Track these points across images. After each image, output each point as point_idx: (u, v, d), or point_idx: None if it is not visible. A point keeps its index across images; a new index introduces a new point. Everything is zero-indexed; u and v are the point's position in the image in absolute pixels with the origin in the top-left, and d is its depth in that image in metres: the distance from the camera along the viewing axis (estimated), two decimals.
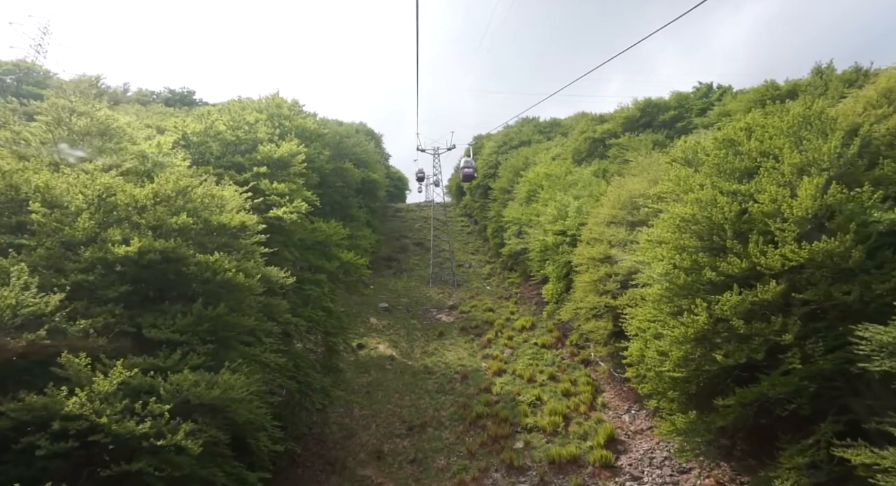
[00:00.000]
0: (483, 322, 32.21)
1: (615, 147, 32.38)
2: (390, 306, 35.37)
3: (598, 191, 27.99)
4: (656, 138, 29.88)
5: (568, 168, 33.18)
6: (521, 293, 36.72)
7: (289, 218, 16.92)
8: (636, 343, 13.90)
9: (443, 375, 25.83)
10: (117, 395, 8.32)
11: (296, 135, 23.88)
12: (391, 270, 43.75)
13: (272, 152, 19.68)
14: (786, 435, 12.19)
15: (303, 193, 19.79)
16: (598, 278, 21.63)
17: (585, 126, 35.58)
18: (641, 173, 24.77)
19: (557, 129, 50.50)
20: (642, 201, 21.83)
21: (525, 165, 39.95)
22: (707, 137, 14.43)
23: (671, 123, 31.10)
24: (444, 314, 34.37)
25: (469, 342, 29.71)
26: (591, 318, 22.15)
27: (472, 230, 55.94)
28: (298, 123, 25.07)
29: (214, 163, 19.12)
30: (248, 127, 21.07)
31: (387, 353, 28.93)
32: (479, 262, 45.84)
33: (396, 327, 32.18)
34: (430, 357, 28.01)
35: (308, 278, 19.36)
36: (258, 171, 18.93)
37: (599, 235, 23.21)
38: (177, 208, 11.51)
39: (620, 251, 21.23)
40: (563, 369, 24.59)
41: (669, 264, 12.34)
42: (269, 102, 25.38)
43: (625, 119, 32.10)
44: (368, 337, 30.79)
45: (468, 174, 42.27)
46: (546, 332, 29.19)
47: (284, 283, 13.64)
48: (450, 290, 39.00)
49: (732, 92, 30.09)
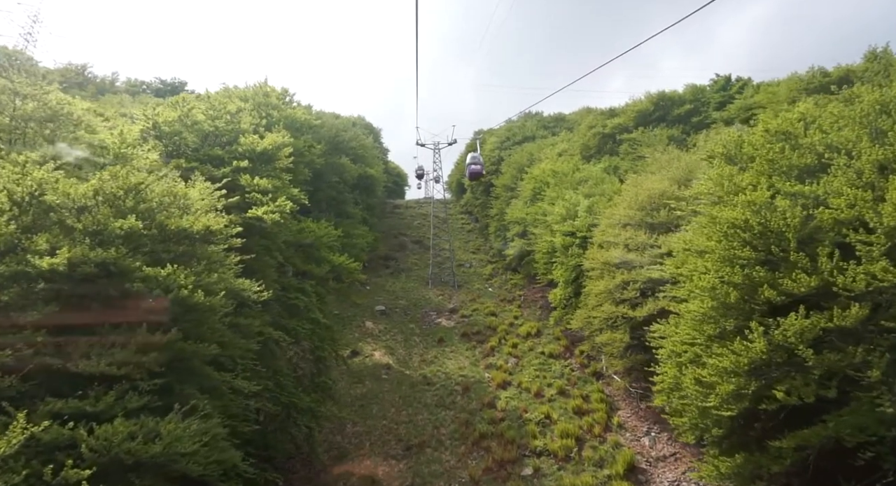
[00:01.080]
0: (485, 327, 30.18)
1: (627, 142, 30.32)
2: (387, 308, 33.32)
3: (611, 189, 25.94)
4: (671, 134, 27.81)
5: (576, 165, 31.09)
6: (525, 296, 34.70)
7: (270, 219, 14.83)
8: (669, 368, 11.86)
9: (443, 386, 23.81)
10: (19, 459, 6.29)
11: (285, 126, 21.74)
12: (389, 269, 41.69)
13: (255, 145, 17.56)
14: (849, 483, 10.25)
15: (289, 191, 17.68)
16: (614, 286, 19.60)
17: (594, 121, 33.47)
18: (660, 171, 22.72)
19: (562, 124, 48.36)
20: (664, 202, 19.82)
21: (529, 161, 37.83)
22: (752, 130, 12.35)
23: (687, 118, 29.02)
24: (444, 318, 32.34)
25: (471, 350, 27.70)
26: (606, 329, 20.14)
27: (473, 228, 53.86)
28: (288, 113, 22.89)
29: (191, 156, 17.00)
30: (229, 117, 18.92)
31: (383, 361, 26.92)
32: (479, 261, 43.79)
33: (393, 333, 30.15)
34: (430, 366, 25.99)
35: (294, 285, 17.30)
36: (239, 165, 16.82)
37: (614, 237, 21.16)
38: (125, 210, 9.42)
39: (639, 256, 19.20)
40: (573, 383, 22.58)
41: (715, 279, 10.29)
42: (256, 91, 23.20)
43: (637, 113, 30.02)
44: (363, 343, 28.75)
45: (475, 171, 35.64)
46: (553, 340, 27.19)
47: (259, 298, 11.55)
48: (450, 292, 36.96)
49: (753, 84, 28.04)
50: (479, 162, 35.65)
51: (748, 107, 25.83)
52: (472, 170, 35.64)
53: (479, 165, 35.57)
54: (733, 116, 26.22)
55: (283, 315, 16.48)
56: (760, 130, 11.37)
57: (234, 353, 10.41)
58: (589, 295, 22.19)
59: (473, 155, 35.82)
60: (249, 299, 11.32)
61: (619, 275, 19.60)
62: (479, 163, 35.63)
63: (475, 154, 35.81)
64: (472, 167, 35.52)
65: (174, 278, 8.80)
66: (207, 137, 18.07)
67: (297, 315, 16.77)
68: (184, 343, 8.76)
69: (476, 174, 36.33)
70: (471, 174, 36.24)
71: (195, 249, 10.21)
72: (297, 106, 25.71)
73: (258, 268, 15.33)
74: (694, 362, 11.11)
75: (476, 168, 35.61)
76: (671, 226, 19.40)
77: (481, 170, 35.90)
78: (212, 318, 9.42)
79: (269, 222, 14.85)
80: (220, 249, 10.85)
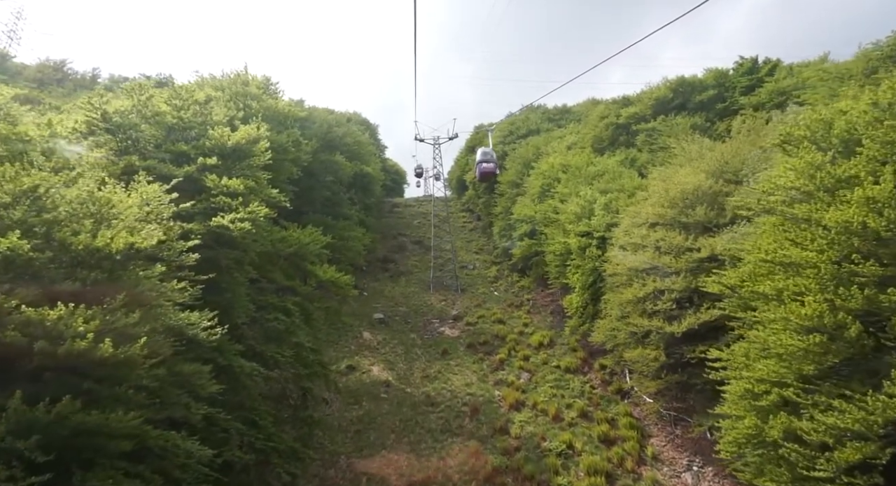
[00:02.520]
0: (493, 337, 27.45)
1: (644, 133, 27.51)
2: (386, 316, 30.56)
3: (631, 184, 23.18)
4: (694, 122, 25.04)
5: (589, 158, 28.30)
6: (534, 301, 31.97)
7: (238, 228, 12.06)
8: (747, 415, 9.10)
9: (448, 407, 21.09)
10: None
11: (266, 119, 18.93)
12: (387, 273, 38.92)
13: (225, 138, 14.77)
14: None
15: (266, 192, 14.90)
16: (644, 295, 16.87)
17: (606, 110, 30.67)
18: (689, 163, 19.97)
19: (568, 116, 45.53)
20: (701, 198, 17.08)
21: (536, 155, 35.01)
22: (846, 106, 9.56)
23: (710, 104, 26.26)
24: (447, 327, 29.61)
25: (478, 363, 24.97)
26: (635, 343, 17.43)
27: (475, 227, 51.09)
28: (269, 104, 20.04)
29: (151, 153, 14.23)
30: (198, 107, 16.12)
31: (382, 377, 24.18)
32: (483, 263, 41.03)
33: (393, 344, 27.40)
34: (433, 383, 23.27)
35: (274, 303, 14.53)
36: (206, 162, 14.06)
37: (641, 239, 18.42)
38: (10, 223, 6.65)
39: (674, 261, 16.44)
40: (596, 403, 19.87)
41: (822, 304, 7.53)
42: (234, 80, 20.35)
43: (654, 101, 27.23)
44: (360, 356, 26.02)
45: (488, 171, 28.24)
46: (569, 351, 24.46)
47: (209, 337, 8.75)
48: (453, 296, 34.20)
49: (784, 66, 25.24)
50: (492, 159, 27.92)
51: (781, 90, 23.04)
52: (483, 169, 27.79)
53: (491, 162, 27.77)
54: (764, 100, 23.43)
55: (259, 340, 13.74)
56: (864, 105, 8.62)
57: (174, 413, 7.64)
58: (611, 303, 19.48)
59: (485, 151, 28.32)
60: (197, 337, 8.52)
61: (650, 282, 16.87)
62: (492, 160, 27.86)
63: (487, 149, 28.28)
64: (484, 165, 27.63)
65: (68, 322, 6.02)
66: (172, 131, 15.28)
67: (276, 340, 14.00)
68: (84, 416, 5.99)
69: (488, 174, 28.63)
70: (482, 174, 28.52)
71: (117, 274, 7.42)
72: (282, 97, 22.76)
73: (227, 286, 12.59)
74: (783, 407, 8.34)
75: (488, 166, 27.84)
76: (711, 226, 16.64)
77: (495, 168, 28.07)
78: (132, 373, 6.64)
79: (236, 232, 12.07)
80: (155, 273, 8.04)
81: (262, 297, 14.21)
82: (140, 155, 13.49)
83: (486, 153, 27.74)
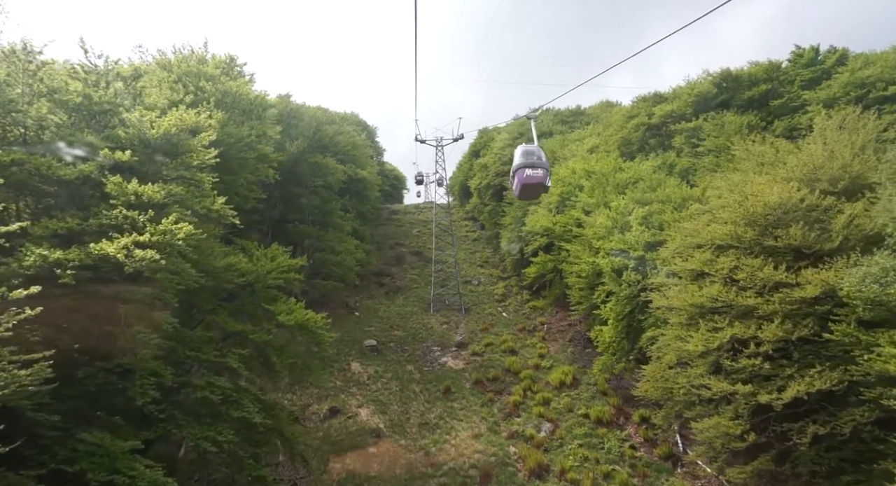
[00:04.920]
0: (504, 371, 22.91)
1: (683, 134, 23.09)
2: (379, 343, 26.00)
3: (679, 194, 18.72)
4: (747, 121, 20.64)
5: (617, 163, 23.89)
6: (549, 325, 27.44)
7: (141, 257, 7.60)
8: None
9: (452, 470, 16.57)
10: None
11: (223, 106, 14.47)
12: (383, 288, 34.37)
13: (147, 126, 10.30)
14: None
15: (203, 202, 10.40)
16: (719, 345, 12.36)
17: (636, 110, 26.26)
18: (761, 168, 15.56)
19: (581, 118, 41.22)
20: (796, 213, 12.64)
21: (551, 159, 30.58)
22: None
23: (763, 101, 21.90)
24: (449, 356, 25.05)
25: (487, 406, 20.42)
26: (703, 406, 12.92)
27: (479, 236, 46.56)
28: (228, 87, 15.47)
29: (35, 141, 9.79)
30: (122, 84, 11.68)
31: (371, 423, 19.62)
32: (489, 277, 36.50)
33: (386, 378, 22.84)
34: (433, 433, 18.72)
35: (212, 360, 10.00)
36: (117, 158, 9.60)
37: (705, 265, 13.96)
38: None
39: (763, 302, 11.95)
40: (642, 473, 15.32)
41: None
42: (185, 58, 15.78)
43: (695, 98, 22.84)
44: (347, 394, 21.47)
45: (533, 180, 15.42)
46: (597, 395, 19.91)
47: None
48: (456, 318, 29.65)
49: (857, 56, 20.87)
50: (541, 162, 15.52)
51: (859, 82, 18.65)
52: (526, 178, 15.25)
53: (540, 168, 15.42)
54: (837, 94, 19.05)
55: (187, 418, 9.22)
56: None
57: None
58: (664, 347, 14.97)
59: (528, 149, 15.86)
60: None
61: (723, 325, 12.36)
62: (541, 164, 15.49)
63: (531, 148, 15.79)
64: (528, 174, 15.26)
65: None
66: (76, 114, 10.81)
67: (211, 415, 9.47)
68: None
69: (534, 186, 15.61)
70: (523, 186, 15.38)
71: None
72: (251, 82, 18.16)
73: (124, 345, 8.08)
74: None
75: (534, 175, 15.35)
76: (809, 251, 12.16)
77: (544, 178, 15.58)
78: None
79: (131, 263, 7.58)
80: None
81: (193, 353, 9.66)
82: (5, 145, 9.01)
83: (531, 153, 15.17)
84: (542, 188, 15.45)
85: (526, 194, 15.82)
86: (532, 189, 15.36)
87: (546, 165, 14.77)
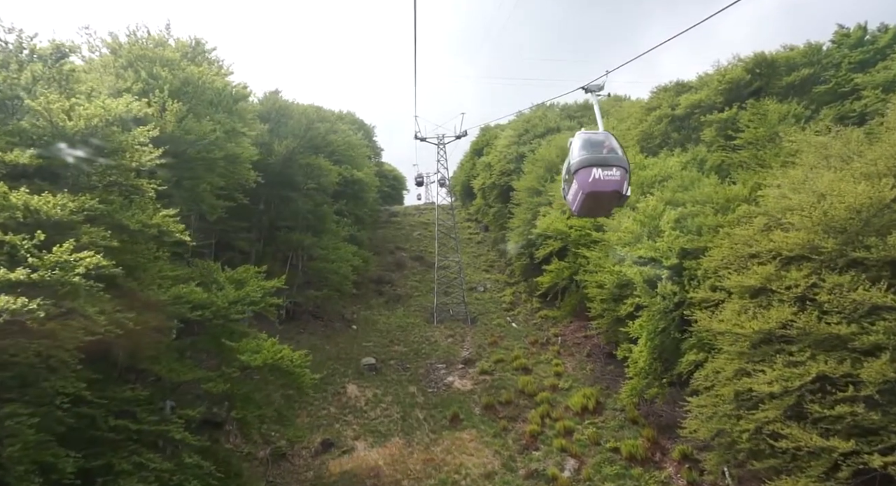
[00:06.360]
0: (517, 393, 20.28)
1: (713, 126, 20.45)
2: (378, 360, 23.36)
3: (721, 194, 16.07)
4: (791, 111, 17.99)
5: (639, 159, 21.21)
6: (564, 337, 24.81)
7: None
8: None
9: None
10: None
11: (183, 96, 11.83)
12: (382, 297, 31.70)
13: (61, 117, 7.67)
14: None
15: (139, 216, 7.78)
16: (800, 384, 9.73)
17: (657, 101, 23.62)
18: (826, 162, 12.92)
19: (589, 113, 38.44)
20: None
21: (562, 157, 27.91)
22: None
23: (803, 87, 19.29)
24: (456, 375, 22.41)
25: (500, 437, 17.79)
26: (782, 463, 10.27)
27: (483, 239, 43.88)
28: (190, 75, 12.74)
29: None
30: (44, 67, 9.05)
31: (368, 459, 17.00)
32: (496, 283, 33.85)
33: (386, 403, 20.22)
34: (441, 472, 16.11)
35: (149, 429, 7.36)
36: (13, 160, 6.97)
37: (766, 281, 11.36)
38: None
39: (858, 332, 9.31)
40: None
41: None
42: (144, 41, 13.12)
43: (727, 85, 20.17)
44: (341, 423, 18.85)
45: (607, 188, 7.92)
46: (627, 424, 17.26)
47: None
48: (462, 330, 27.02)
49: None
50: (618, 159, 8.12)
51: None
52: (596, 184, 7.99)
53: (617, 167, 8.00)
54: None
55: None
56: None
57: None
58: (717, 377, 12.35)
59: (594, 138, 8.38)
60: None
61: (809, 362, 9.73)
62: (619, 162, 8.08)
63: (597, 136, 8.41)
64: (599, 176, 7.95)
65: None
66: None
67: None
68: None
69: (606, 197, 8.30)
70: (587, 199, 8.25)
71: None
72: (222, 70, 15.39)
73: None
74: None
75: (610, 179, 7.96)
76: None
77: (622, 183, 8.03)
78: None
79: None
80: None
81: (120, 423, 7.01)
82: None
83: (598, 144, 8.28)
84: (617, 199, 8.43)
85: (592, 208, 8.93)
86: (602, 200, 8.42)
87: (625, 161, 8.21)
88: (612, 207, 9.67)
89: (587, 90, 9.08)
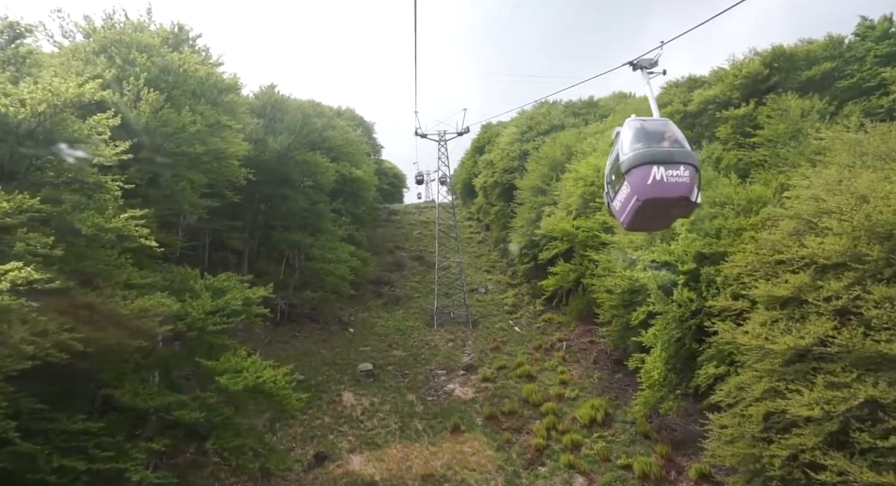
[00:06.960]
0: (521, 403, 19.24)
1: (729, 122, 19.36)
2: (375, 366, 22.30)
3: (743, 196, 14.97)
4: (814, 106, 16.92)
5: None
6: (569, 342, 23.75)
7: None
8: None
9: None
10: None
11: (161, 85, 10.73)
12: (381, 298, 30.62)
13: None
14: None
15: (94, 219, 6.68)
16: (845, 410, 8.66)
17: (668, 96, 22.51)
18: (860, 159, 11.86)
19: (595, 110, 37.27)
20: None
21: (568, 155, 26.86)
22: None
23: (824, 82, 18.25)
24: (457, 383, 21.37)
25: (503, 450, 16.76)
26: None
27: (484, 239, 42.80)
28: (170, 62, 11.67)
29: None
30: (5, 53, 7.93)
31: (365, 475, 15.95)
32: (498, 284, 32.79)
33: (384, 412, 19.17)
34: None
35: (101, 467, 6.29)
36: None
37: (799, 291, 10.31)
38: None
39: None
40: None
41: None
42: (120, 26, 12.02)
43: (744, 79, 19.10)
44: (336, 434, 17.80)
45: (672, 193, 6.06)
46: (638, 438, 16.21)
47: None
48: (463, 333, 25.96)
49: None
50: (685, 155, 6.26)
51: None
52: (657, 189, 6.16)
53: (685, 165, 6.15)
54: None
55: None
56: None
57: None
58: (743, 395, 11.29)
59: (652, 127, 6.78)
60: None
61: (855, 385, 8.67)
62: (686, 159, 6.24)
63: (656, 124, 6.84)
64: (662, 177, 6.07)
65: None
66: None
67: None
68: None
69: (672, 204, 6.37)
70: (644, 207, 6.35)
71: None
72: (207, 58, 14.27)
73: None
74: None
75: (677, 181, 6.07)
76: None
77: (691, 186, 6.18)
78: None
79: None
80: None
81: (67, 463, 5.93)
82: None
83: (656, 135, 6.58)
84: (684, 207, 6.61)
85: (648, 220, 6.99)
86: (664, 210, 6.59)
87: (694, 157, 6.46)
88: (676, 219, 7.41)
89: (636, 67, 7.75)
